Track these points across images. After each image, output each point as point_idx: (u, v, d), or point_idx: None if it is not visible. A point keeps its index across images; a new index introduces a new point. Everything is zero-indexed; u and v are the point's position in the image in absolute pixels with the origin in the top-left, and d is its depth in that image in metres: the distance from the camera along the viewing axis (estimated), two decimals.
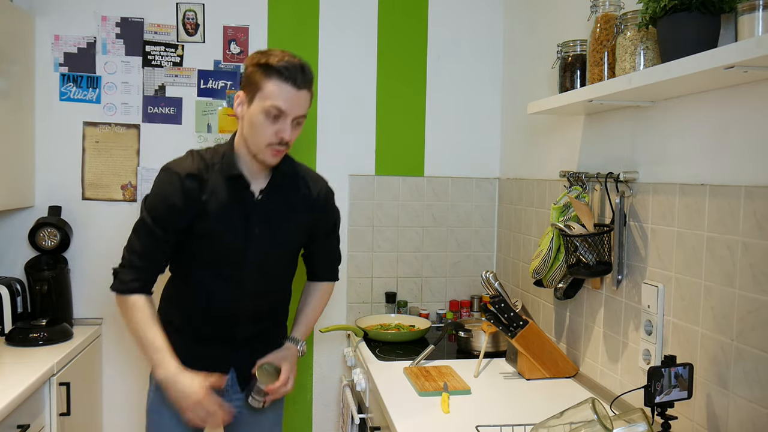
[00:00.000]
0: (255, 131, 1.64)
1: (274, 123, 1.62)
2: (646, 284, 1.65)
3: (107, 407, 2.67)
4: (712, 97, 1.44)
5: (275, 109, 1.60)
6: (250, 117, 1.65)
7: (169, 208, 1.69)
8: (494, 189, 2.91)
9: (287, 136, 1.64)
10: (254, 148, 1.67)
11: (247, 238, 1.75)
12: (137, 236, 1.73)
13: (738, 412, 1.34)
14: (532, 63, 2.52)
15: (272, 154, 1.67)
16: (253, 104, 1.63)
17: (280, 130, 1.63)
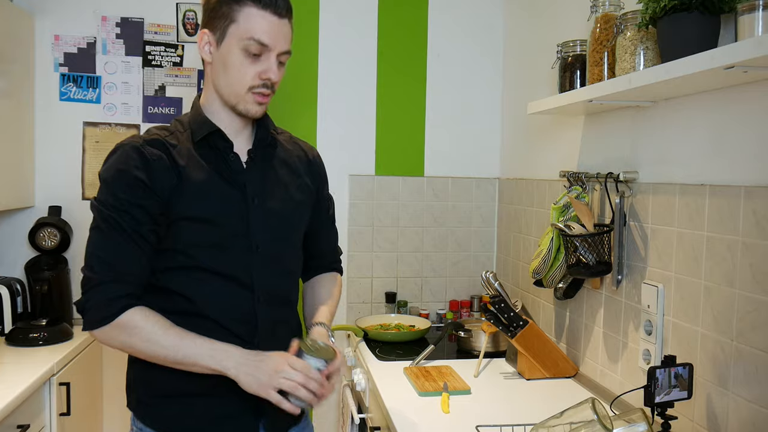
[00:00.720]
0: (232, 74, 1.32)
1: (255, 62, 1.31)
2: (646, 284, 1.65)
3: (107, 407, 2.67)
4: (712, 97, 1.44)
5: (256, 44, 1.29)
6: (223, 58, 1.32)
7: (133, 186, 1.27)
8: (494, 189, 2.91)
9: (274, 76, 1.32)
10: (232, 96, 1.34)
11: (246, 217, 1.36)
12: (98, 244, 1.28)
13: (738, 412, 1.34)
14: (532, 63, 2.52)
15: (256, 100, 1.34)
16: (224, 42, 1.32)
17: (265, 69, 1.31)
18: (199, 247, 1.33)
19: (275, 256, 1.42)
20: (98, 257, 1.28)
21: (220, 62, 1.34)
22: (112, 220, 1.27)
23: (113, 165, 1.30)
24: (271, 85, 1.34)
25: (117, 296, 1.27)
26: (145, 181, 1.28)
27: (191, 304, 1.33)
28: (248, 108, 1.35)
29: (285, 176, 1.47)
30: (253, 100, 1.34)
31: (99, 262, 1.27)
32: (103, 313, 1.26)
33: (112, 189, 1.28)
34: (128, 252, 1.28)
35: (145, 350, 1.28)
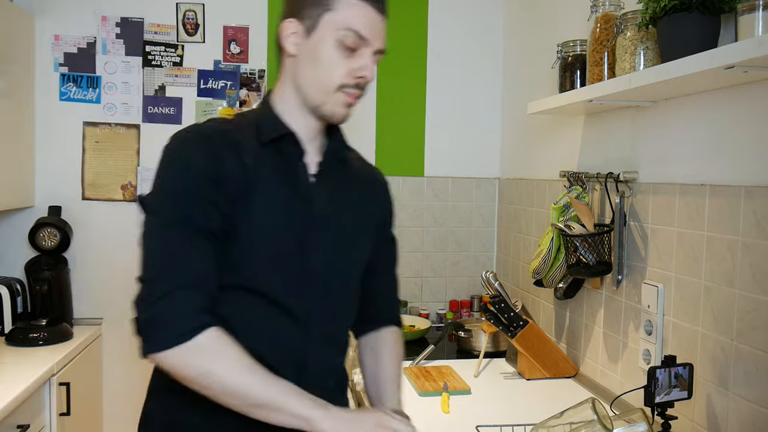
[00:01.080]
0: (322, 68, 1.14)
1: (349, 57, 1.14)
2: (646, 284, 1.65)
3: (107, 407, 2.67)
4: (712, 97, 1.44)
5: (354, 36, 1.12)
6: (314, 50, 1.14)
7: (202, 179, 1.07)
8: (494, 189, 2.91)
9: (370, 74, 1.15)
10: (318, 94, 1.16)
11: (307, 237, 1.16)
12: (162, 246, 1.05)
13: (738, 412, 1.34)
14: (532, 63, 2.52)
15: (346, 101, 1.16)
16: (316, 31, 1.14)
17: (361, 66, 1.14)
18: (251, 263, 1.10)
19: (337, 290, 1.21)
20: (164, 262, 1.03)
21: (308, 55, 1.15)
22: (178, 216, 1.05)
23: (177, 155, 1.10)
24: (364, 86, 1.17)
25: (196, 309, 1.02)
26: (214, 176, 1.08)
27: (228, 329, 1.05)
28: (335, 110, 1.17)
29: (354, 199, 1.27)
30: (342, 101, 1.16)
31: (165, 267, 1.03)
32: (180, 329, 1.00)
33: (177, 182, 1.07)
34: (202, 253, 1.05)
35: (224, 383, 1.00)
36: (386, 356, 1.34)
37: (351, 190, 1.27)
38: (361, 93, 1.19)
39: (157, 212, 1.07)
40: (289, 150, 1.19)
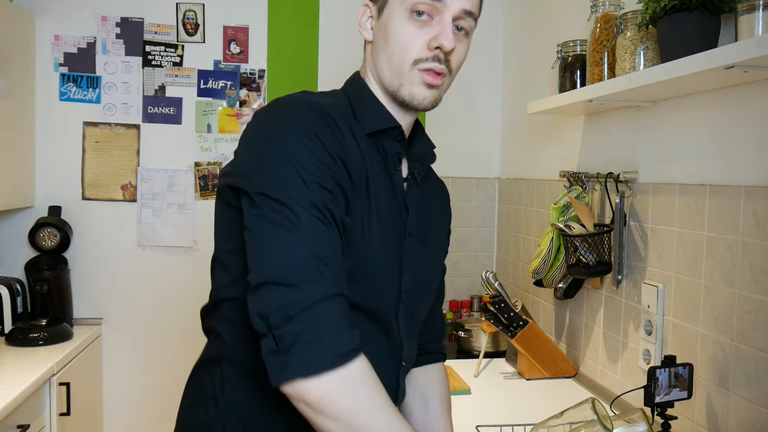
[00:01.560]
0: (393, 45, 0.98)
1: (423, 27, 0.97)
2: (646, 284, 1.65)
3: (107, 407, 2.67)
4: (712, 97, 1.44)
5: (424, 3, 0.95)
6: (384, 28, 0.99)
7: (333, 158, 0.89)
8: (494, 189, 2.91)
9: (448, 42, 0.95)
10: (394, 75, 0.99)
11: (400, 253, 1.01)
12: (298, 241, 0.82)
13: (738, 412, 1.34)
14: (532, 63, 2.52)
15: (424, 79, 0.98)
16: (386, 9, 0.99)
17: (436, 35, 0.96)
18: (356, 269, 0.91)
19: (418, 315, 1.09)
20: (304, 262, 0.80)
21: (380, 35, 1.01)
22: (310, 201, 0.84)
23: (290, 121, 0.89)
24: (446, 59, 0.97)
25: (349, 323, 0.82)
26: (343, 156, 0.90)
27: None
28: (413, 92, 0.98)
29: (435, 215, 1.13)
30: (420, 80, 0.97)
31: (307, 269, 0.80)
32: (339, 349, 0.78)
33: (304, 158, 0.85)
34: (341, 251, 0.86)
35: (372, 423, 0.79)
36: (437, 405, 1.19)
37: (432, 204, 1.13)
38: (445, 69, 0.98)
39: (277, 198, 0.83)
40: (390, 147, 1.01)
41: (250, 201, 0.86)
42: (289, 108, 0.91)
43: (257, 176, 0.86)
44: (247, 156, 0.90)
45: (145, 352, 2.67)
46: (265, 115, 0.93)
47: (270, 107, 0.94)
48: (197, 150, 2.68)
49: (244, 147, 0.92)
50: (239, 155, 0.93)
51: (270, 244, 0.82)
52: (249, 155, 0.90)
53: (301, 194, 0.84)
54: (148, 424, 2.64)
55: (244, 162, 0.90)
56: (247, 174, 0.88)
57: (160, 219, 2.65)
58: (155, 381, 2.65)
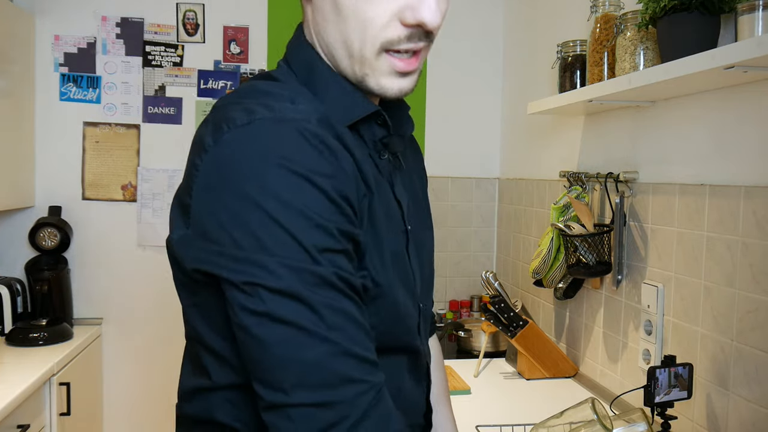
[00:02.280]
0: (350, 19, 0.71)
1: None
2: (646, 284, 1.65)
3: (107, 407, 2.67)
4: (712, 97, 1.44)
5: None
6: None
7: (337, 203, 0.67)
8: (494, 189, 2.91)
9: (431, 15, 0.70)
10: (353, 61, 0.74)
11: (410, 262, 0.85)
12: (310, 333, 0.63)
13: (738, 412, 1.34)
14: (532, 63, 2.52)
15: (396, 66, 0.73)
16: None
17: (414, 4, 0.69)
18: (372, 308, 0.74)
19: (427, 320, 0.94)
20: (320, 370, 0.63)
21: (327, 2, 0.73)
22: (316, 286, 0.63)
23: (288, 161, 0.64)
24: (427, 33, 0.72)
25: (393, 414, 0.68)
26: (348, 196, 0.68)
27: None
28: (383, 84, 0.74)
29: (417, 187, 0.96)
30: (390, 68, 0.73)
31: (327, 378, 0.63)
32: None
33: (293, 213, 0.63)
34: (366, 324, 0.68)
35: None
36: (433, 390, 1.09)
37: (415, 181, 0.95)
38: (423, 45, 0.73)
39: (279, 289, 0.62)
40: (370, 134, 0.80)
41: (241, 293, 0.64)
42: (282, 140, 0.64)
43: (243, 256, 0.63)
44: (220, 220, 0.64)
45: (145, 352, 2.67)
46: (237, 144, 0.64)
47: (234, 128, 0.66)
48: None
49: (210, 202, 0.65)
50: (202, 215, 0.66)
51: (284, 352, 0.62)
52: (222, 219, 0.64)
53: (310, 273, 0.63)
54: (148, 424, 2.64)
55: (215, 230, 0.64)
56: (225, 252, 0.64)
57: (160, 219, 2.65)
58: (155, 381, 2.65)
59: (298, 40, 0.81)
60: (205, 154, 0.66)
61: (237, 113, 0.67)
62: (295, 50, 0.81)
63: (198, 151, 0.68)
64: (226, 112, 0.69)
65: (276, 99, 0.70)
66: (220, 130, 0.66)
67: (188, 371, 0.82)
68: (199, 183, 0.66)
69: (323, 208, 0.64)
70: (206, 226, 0.65)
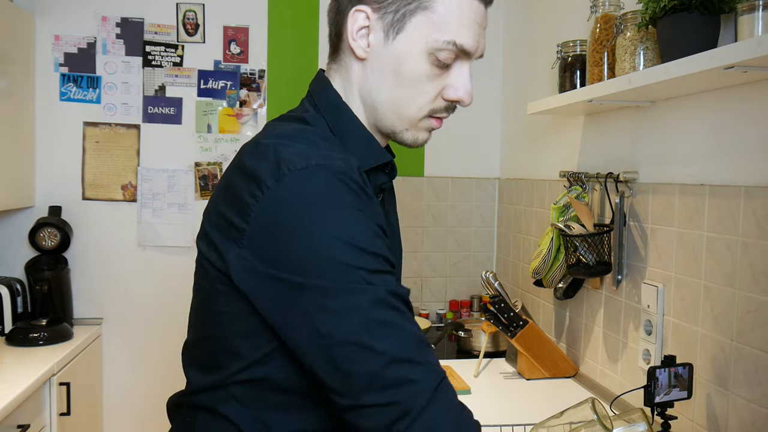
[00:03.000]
0: (406, 91, 0.87)
1: (443, 73, 0.87)
2: (646, 284, 1.65)
3: (107, 407, 2.67)
4: (712, 97, 1.44)
5: (455, 49, 0.85)
6: (397, 63, 0.86)
7: (380, 234, 0.81)
8: (494, 189, 2.91)
9: (468, 97, 0.89)
10: (399, 121, 0.90)
11: None
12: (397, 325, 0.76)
13: (738, 412, 1.34)
14: (532, 63, 2.52)
15: (432, 126, 0.92)
16: (401, 37, 0.85)
17: (456, 84, 0.87)
18: None
19: None
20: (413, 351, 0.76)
21: (386, 66, 0.87)
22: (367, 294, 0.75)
23: (340, 202, 0.78)
24: (455, 106, 0.91)
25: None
26: (384, 228, 0.83)
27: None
28: (417, 137, 0.92)
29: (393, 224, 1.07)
30: (428, 127, 0.91)
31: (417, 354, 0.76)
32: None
33: (356, 239, 0.76)
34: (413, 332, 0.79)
35: None
36: None
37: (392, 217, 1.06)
38: (452, 113, 0.92)
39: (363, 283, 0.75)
40: (375, 179, 0.93)
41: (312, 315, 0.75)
42: (324, 182, 0.78)
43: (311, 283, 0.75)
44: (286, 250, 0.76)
45: (145, 352, 2.67)
46: (297, 189, 0.77)
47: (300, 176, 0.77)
48: (197, 150, 2.68)
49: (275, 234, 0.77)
50: (263, 243, 0.78)
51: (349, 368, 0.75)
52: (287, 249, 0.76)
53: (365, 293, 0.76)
54: (148, 423, 2.64)
55: (281, 259, 0.76)
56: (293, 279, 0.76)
57: (160, 219, 2.65)
58: (155, 381, 2.65)
59: (323, 83, 0.94)
60: (267, 190, 0.77)
61: (295, 157, 0.79)
62: (322, 93, 0.93)
63: (254, 185, 0.79)
64: (281, 154, 0.80)
65: (320, 147, 0.83)
66: (280, 171, 0.78)
67: (198, 371, 0.92)
68: (261, 215, 0.78)
69: (369, 238, 0.77)
70: (264, 253, 0.78)
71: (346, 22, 0.88)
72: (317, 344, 0.75)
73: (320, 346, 0.75)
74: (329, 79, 0.94)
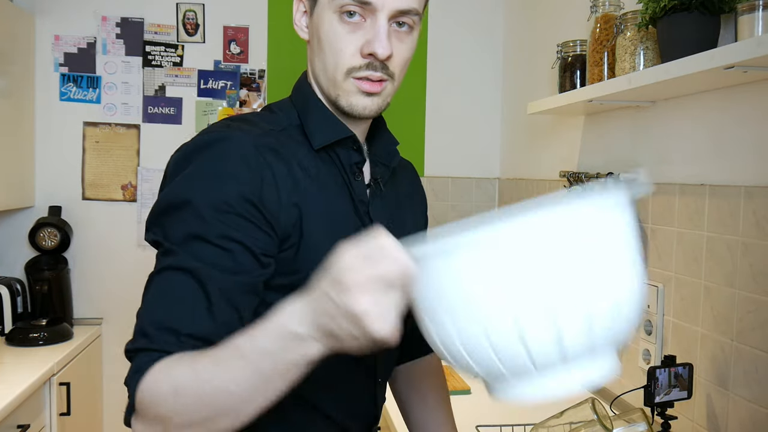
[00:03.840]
0: (326, 50, 0.91)
1: (356, 30, 0.88)
2: (646, 284, 1.65)
3: (107, 407, 2.67)
4: (712, 97, 1.44)
5: (352, 3, 0.87)
6: (317, 29, 0.91)
7: (237, 210, 0.81)
8: (494, 189, 2.91)
9: (382, 48, 0.87)
10: (329, 85, 0.92)
11: None
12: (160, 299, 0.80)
13: (738, 412, 1.34)
14: (532, 63, 2.52)
15: (360, 88, 0.90)
16: (316, 8, 0.91)
17: (369, 40, 0.87)
18: None
19: None
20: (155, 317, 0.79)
21: (314, 37, 0.93)
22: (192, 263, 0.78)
23: (214, 169, 0.83)
24: (383, 65, 0.89)
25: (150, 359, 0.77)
26: (256, 204, 0.82)
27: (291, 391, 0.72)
28: (351, 101, 0.91)
29: (408, 217, 1.07)
30: (356, 89, 0.90)
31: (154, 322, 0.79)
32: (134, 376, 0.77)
33: (200, 210, 0.80)
34: (203, 312, 0.78)
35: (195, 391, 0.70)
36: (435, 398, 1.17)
37: (404, 207, 1.06)
38: (384, 75, 0.90)
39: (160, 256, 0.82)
40: (346, 158, 0.94)
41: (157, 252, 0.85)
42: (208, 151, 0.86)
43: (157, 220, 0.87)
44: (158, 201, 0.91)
45: None
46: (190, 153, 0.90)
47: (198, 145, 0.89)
48: None
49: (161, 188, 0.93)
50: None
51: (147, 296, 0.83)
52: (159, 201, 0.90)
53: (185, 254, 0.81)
54: None
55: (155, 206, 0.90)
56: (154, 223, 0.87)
57: None
58: None
59: (301, 79, 1.00)
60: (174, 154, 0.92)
61: (209, 129, 0.90)
62: (297, 85, 1.00)
63: None
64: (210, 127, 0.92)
65: (241, 123, 0.90)
66: (186, 141, 0.91)
67: None
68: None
69: (222, 210, 0.81)
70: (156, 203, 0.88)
71: (294, 15, 0.96)
72: None
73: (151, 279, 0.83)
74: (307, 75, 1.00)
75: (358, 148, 0.95)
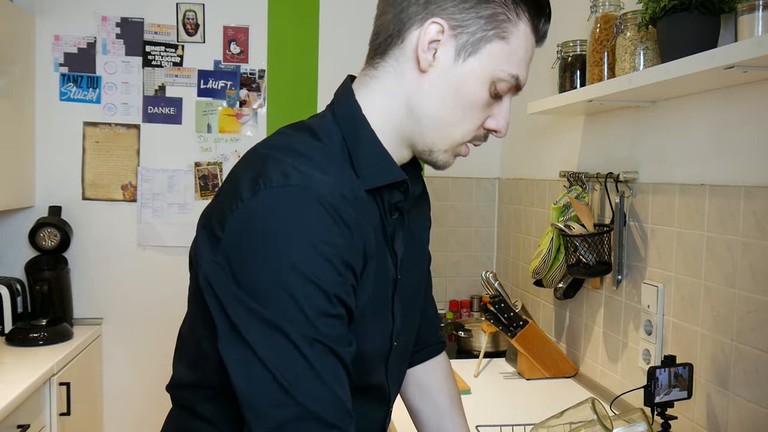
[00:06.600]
0: (460, 110, 0.86)
1: (493, 103, 0.87)
2: (646, 284, 1.65)
3: (107, 407, 2.67)
4: (712, 97, 1.44)
5: (514, 83, 0.86)
6: (459, 84, 0.84)
7: (344, 275, 0.77)
8: (494, 189, 2.91)
9: (506, 126, 0.90)
10: (440, 141, 0.90)
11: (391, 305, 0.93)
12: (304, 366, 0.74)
13: (738, 412, 1.34)
14: (532, 63, 2.52)
15: (462, 151, 0.95)
16: (471, 60, 0.84)
17: (499, 116, 0.88)
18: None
19: (405, 351, 1.02)
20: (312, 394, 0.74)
21: (447, 86, 0.85)
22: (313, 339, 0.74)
23: (308, 229, 0.75)
24: (487, 137, 0.92)
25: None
26: (354, 268, 0.79)
27: None
28: (448, 160, 0.94)
29: (419, 235, 1.05)
30: (459, 153, 0.94)
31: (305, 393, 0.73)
32: None
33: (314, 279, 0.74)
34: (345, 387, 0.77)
35: None
36: (446, 402, 1.15)
37: (415, 227, 1.02)
38: (483, 142, 0.93)
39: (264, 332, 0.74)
40: (389, 197, 0.90)
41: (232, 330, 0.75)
42: (298, 205, 0.75)
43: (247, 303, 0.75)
44: (244, 267, 0.76)
45: (145, 352, 2.67)
46: (268, 207, 0.76)
47: (274, 195, 0.75)
48: (197, 150, 2.68)
49: (241, 248, 0.76)
50: (231, 255, 0.76)
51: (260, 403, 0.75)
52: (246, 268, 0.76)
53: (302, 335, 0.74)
54: (148, 424, 2.64)
55: (239, 273, 0.76)
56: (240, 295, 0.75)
57: (160, 219, 2.65)
58: (155, 381, 2.65)
59: (346, 93, 0.90)
60: (242, 204, 0.76)
61: (274, 174, 0.77)
62: (344, 103, 0.89)
63: (234, 196, 0.78)
64: (265, 168, 0.78)
65: (309, 165, 0.79)
66: (257, 185, 0.76)
67: (184, 366, 0.96)
68: (233, 227, 0.76)
69: (329, 275, 0.75)
70: (233, 265, 0.76)
71: (415, 31, 0.84)
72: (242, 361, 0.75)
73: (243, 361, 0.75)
74: (354, 89, 0.90)
75: (405, 189, 0.91)
